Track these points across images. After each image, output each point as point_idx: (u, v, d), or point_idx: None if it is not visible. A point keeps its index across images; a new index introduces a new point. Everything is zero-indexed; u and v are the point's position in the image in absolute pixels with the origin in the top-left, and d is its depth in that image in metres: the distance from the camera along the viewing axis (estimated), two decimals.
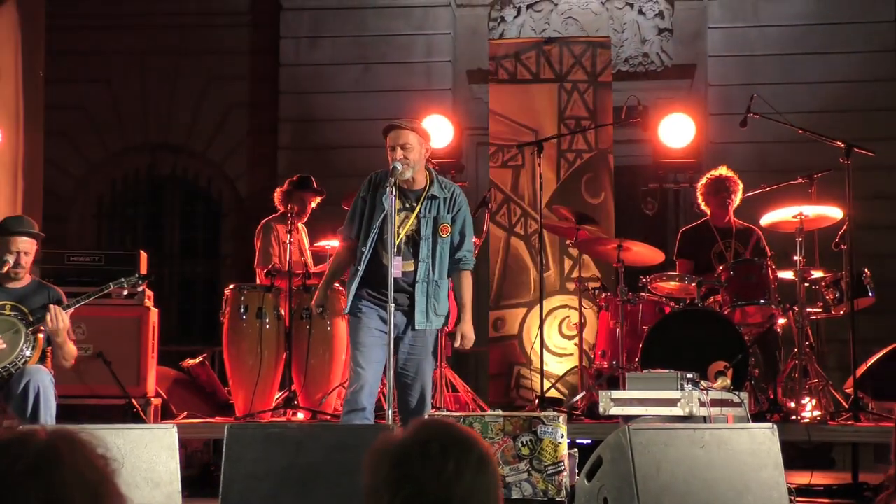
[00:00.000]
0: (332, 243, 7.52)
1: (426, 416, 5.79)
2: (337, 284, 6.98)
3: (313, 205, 8.20)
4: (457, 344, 5.96)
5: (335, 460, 4.69)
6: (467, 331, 5.89)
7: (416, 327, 5.78)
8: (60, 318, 5.90)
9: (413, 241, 5.75)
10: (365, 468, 2.06)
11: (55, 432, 1.84)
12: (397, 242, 5.63)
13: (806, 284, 7.52)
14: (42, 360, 6.05)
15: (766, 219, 7.83)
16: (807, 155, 9.63)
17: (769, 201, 8.02)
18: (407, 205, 5.74)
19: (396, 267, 5.60)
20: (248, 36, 13.86)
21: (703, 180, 8.23)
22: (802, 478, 6.89)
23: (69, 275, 7.63)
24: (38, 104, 8.16)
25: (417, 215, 5.67)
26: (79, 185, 13.93)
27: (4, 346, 5.87)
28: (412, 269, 5.74)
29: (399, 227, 5.69)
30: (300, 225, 8.14)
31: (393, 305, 5.49)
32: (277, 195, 8.23)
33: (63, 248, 8.38)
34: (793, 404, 7.34)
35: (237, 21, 13.80)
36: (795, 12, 12.58)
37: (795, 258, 7.47)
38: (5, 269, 6.03)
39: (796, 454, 7.37)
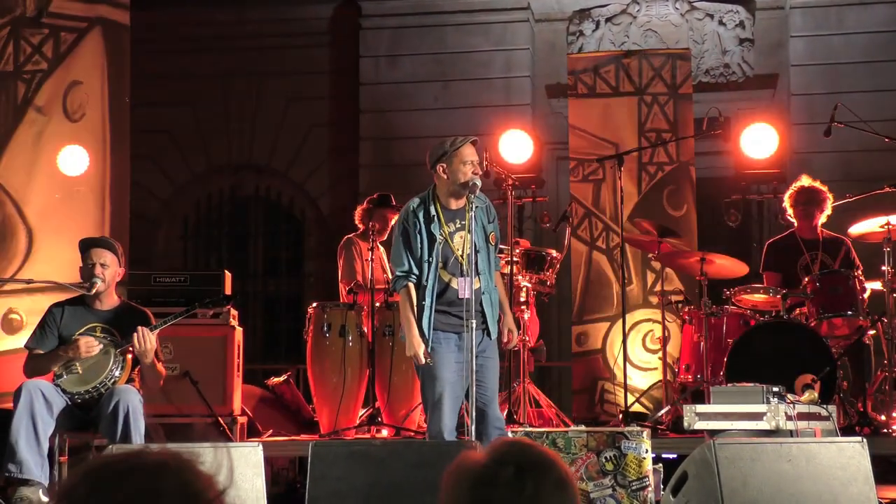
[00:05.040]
0: None
1: (504, 436, 5.79)
2: None
3: (393, 222, 8.18)
4: (504, 339, 6.01)
5: (418, 477, 4.69)
6: (513, 325, 6.03)
7: (492, 337, 5.82)
8: (148, 340, 5.98)
9: (474, 256, 5.75)
10: (442, 487, 2.05)
11: (163, 452, 1.82)
12: (464, 263, 5.63)
13: (895, 295, 7.38)
14: (130, 381, 6.12)
15: (854, 229, 7.71)
16: (893, 163, 9.46)
17: (855, 211, 7.89)
18: (459, 224, 5.73)
19: (467, 287, 5.60)
20: (327, 56, 13.98)
21: (789, 191, 8.13)
22: (895, 492, 6.75)
23: (156, 296, 7.73)
24: (124, 128, 8.31)
25: (469, 230, 5.66)
26: (164, 207, 14.15)
27: (95, 354, 5.97)
28: (478, 284, 5.74)
29: (460, 248, 5.69)
30: (380, 244, 8.16)
31: (474, 322, 5.50)
32: (358, 214, 8.29)
33: (150, 269, 8.50)
34: (883, 417, 7.20)
35: (317, 41, 13.93)
36: (880, 19, 12.37)
37: (884, 268, 7.34)
38: (94, 289, 6.13)
39: (888, 468, 7.23)
